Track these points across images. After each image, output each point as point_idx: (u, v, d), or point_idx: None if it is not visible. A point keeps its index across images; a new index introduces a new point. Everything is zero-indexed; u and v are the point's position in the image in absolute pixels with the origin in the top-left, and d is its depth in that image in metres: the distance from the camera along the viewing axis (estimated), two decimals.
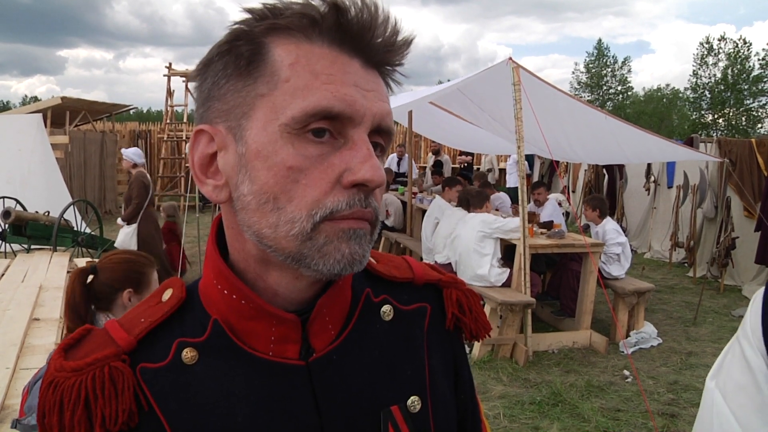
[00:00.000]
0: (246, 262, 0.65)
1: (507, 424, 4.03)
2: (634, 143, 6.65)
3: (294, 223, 0.58)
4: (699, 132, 34.47)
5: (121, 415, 0.59)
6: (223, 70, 0.61)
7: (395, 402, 0.69)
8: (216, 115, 0.62)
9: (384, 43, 0.62)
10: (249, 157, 0.59)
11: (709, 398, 0.89)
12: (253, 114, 0.59)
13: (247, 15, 0.61)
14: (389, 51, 0.63)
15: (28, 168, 9.64)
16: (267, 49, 0.59)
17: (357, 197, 0.59)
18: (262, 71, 0.59)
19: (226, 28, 0.61)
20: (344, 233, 0.59)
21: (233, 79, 0.60)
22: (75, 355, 0.63)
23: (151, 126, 20.05)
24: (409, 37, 0.63)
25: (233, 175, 0.61)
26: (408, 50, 0.64)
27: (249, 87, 0.60)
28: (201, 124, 0.63)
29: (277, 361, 0.64)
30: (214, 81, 0.61)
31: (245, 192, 0.60)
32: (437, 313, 0.78)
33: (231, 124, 0.61)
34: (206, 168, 0.64)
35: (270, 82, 0.59)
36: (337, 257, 0.59)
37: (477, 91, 6.65)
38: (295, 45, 0.59)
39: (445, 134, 10.85)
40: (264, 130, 0.59)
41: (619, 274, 5.94)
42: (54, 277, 5.29)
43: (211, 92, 0.62)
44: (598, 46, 52.23)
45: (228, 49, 0.61)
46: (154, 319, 0.65)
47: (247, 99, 0.60)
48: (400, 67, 0.66)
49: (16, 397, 2.73)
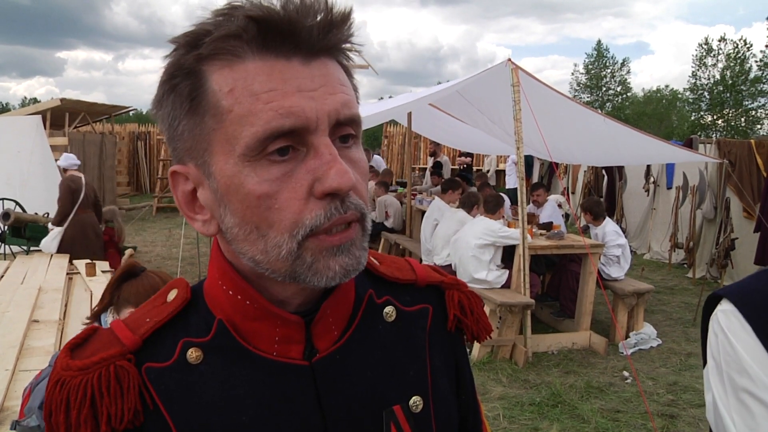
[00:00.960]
0: (248, 274, 0.65)
1: (507, 425, 4.04)
2: (632, 145, 6.65)
3: (280, 246, 0.58)
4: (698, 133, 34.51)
5: (126, 413, 0.60)
6: (172, 111, 0.60)
7: (397, 402, 0.69)
8: (182, 154, 0.62)
9: (321, 29, 0.58)
10: (222, 191, 0.60)
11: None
12: (212, 149, 0.59)
13: (176, 45, 0.59)
14: (328, 33, 0.59)
15: (28, 170, 9.64)
16: (203, 80, 0.58)
17: (333, 206, 0.58)
18: (205, 106, 0.58)
19: (162, 59, 0.61)
20: (328, 251, 0.59)
21: (184, 118, 0.60)
22: (81, 354, 0.63)
23: (151, 127, 20.06)
24: (345, 9, 0.59)
25: (215, 208, 0.62)
26: (350, 23, 0.60)
27: (200, 124, 0.59)
28: (173, 165, 0.64)
29: (281, 361, 0.65)
30: (170, 122, 0.61)
31: (230, 225, 0.61)
32: (439, 314, 0.78)
33: (198, 162, 0.61)
34: (192, 205, 0.64)
35: (216, 116, 0.58)
36: (329, 274, 0.60)
37: (476, 93, 6.65)
38: (228, 68, 0.57)
39: (445, 135, 10.85)
40: (226, 164, 0.58)
41: (618, 275, 5.94)
42: (53, 279, 5.28)
43: (170, 133, 0.62)
44: (598, 47, 52.29)
45: (170, 88, 0.60)
46: (159, 319, 0.66)
47: (202, 135, 0.59)
48: (349, 40, 0.62)
49: (15, 398, 2.73)
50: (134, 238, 10.93)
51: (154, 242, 10.69)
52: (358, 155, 0.62)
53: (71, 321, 4.09)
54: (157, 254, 9.59)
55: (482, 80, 5.92)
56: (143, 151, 19.18)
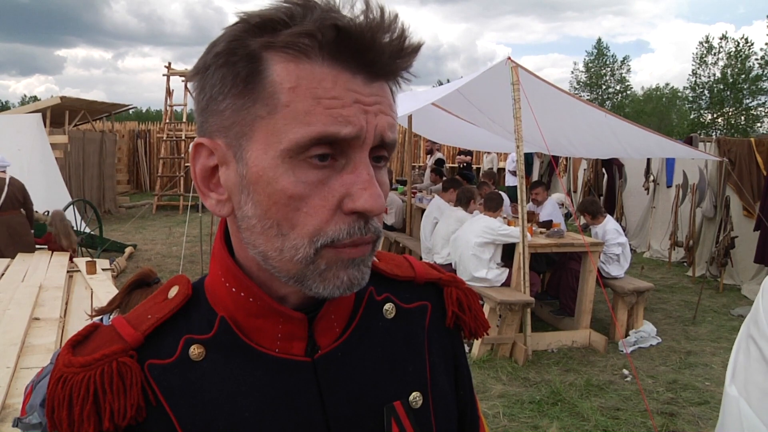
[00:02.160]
0: (252, 268, 0.65)
1: (506, 423, 4.04)
2: (633, 139, 6.65)
3: (297, 249, 0.59)
4: (698, 131, 34.51)
5: (129, 409, 0.60)
6: (220, 85, 0.59)
7: (398, 398, 0.70)
8: (215, 129, 0.61)
9: (390, 52, 0.58)
10: (250, 179, 0.59)
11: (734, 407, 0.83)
12: (252, 135, 0.58)
13: (242, 22, 0.58)
14: (395, 59, 0.59)
15: (28, 168, 9.63)
16: (265, 67, 0.57)
17: (357, 225, 0.59)
18: (261, 93, 0.57)
19: (222, 30, 0.60)
20: (343, 262, 0.60)
21: (231, 96, 0.58)
22: (83, 350, 0.64)
23: (151, 125, 20.08)
24: (416, 43, 0.60)
25: (236, 192, 0.61)
26: (416, 55, 0.61)
27: (248, 108, 0.58)
28: (200, 137, 0.62)
29: (284, 358, 0.66)
30: (212, 95, 0.59)
31: (249, 214, 0.60)
32: (437, 311, 0.79)
33: (231, 142, 0.60)
34: (208, 181, 0.63)
35: (269, 105, 0.57)
36: (336, 283, 0.60)
37: (476, 93, 6.65)
38: (295, 65, 0.57)
39: (444, 133, 10.85)
40: (264, 154, 0.58)
41: (618, 274, 5.94)
42: (54, 277, 5.29)
43: (209, 105, 0.60)
44: (598, 45, 52.27)
45: (224, 62, 0.58)
46: (160, 316, 0.66)
47: (246, 119, 0.58)
48: (409, 69, 0.63)
49: (17, 396, 2.74)
50: (134, 236, 10.93)
51: (154, 240, 10.69)
52: (385, 178, 0.63)
53: (72, 319, 4.10)
54: (157, 252, 9.59)
55: (482, 80, 5.93)
56: (143, 150, 19.20)
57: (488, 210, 5.71)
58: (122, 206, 15.17)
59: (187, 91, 15.06)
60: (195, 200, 9.40)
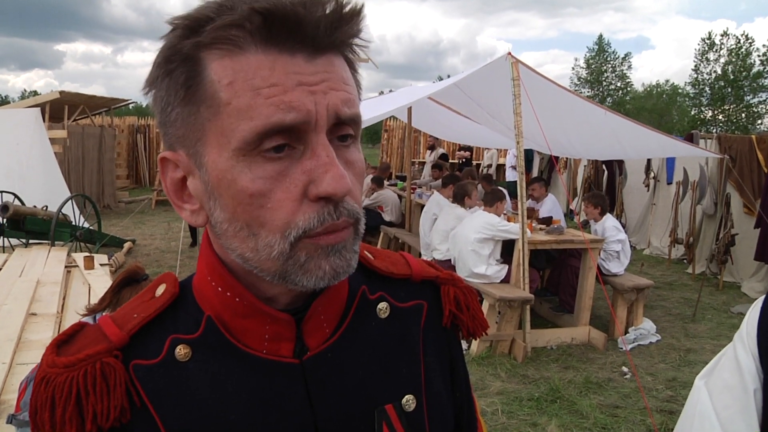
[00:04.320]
0: (238, 270, 0.64)
1: (505, 420, 4.03)
2: (633, 139, 6.64)
3: (272, 246, 0.57)
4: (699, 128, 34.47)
5: (112, 411, 0.59)
6: (166, 96, 0.58)
7: (390, 401, 0.68)
8: (174, 140, 0.60)
9: (328, 25, 0.55)
10: (213, 184, 0.58)
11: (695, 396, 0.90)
12: (206, 140, 0.57)
13: (173, 27, 0.57)
14: (336, 30, 0.56)
15: (27, 162, 9.63)
16: (201, 68, 0.56)
17: (326, 210, 0.57)
18: (201, 96, 0.56)
19: (159, 40, 0.58)
20: (323, 249, 0.58)
21: (178, 105, 0.58)
22: (68, 350, 0.62)
23: (150, 120, 20.02)
24: (355, 6, 0.56)
25: (205, 200, 0.60)
26: (360, 18, 0.58)
27: (194, 114, 0.57)
28: (164, 151, 0.62)
29: (271, 359, 0.64)
30: (162, 107, 0.59)
31: (220, 219, 0.59)
32: (434, 310, 0.77)
33: (189, 151, 0.59)
34: (180, 193, 0.63)
35: (212, 107, 0.56)
36: (319, 274, 0.58)
37: (476, 88, 6.63)
38: (230, 59, 0.55)
39: (444, 129, 10.84)
40: (219, 157, 0.56)
41: (618, 271, 5.93)
42: (52, 272, 5.28)
43: (162, 118, 0.60)
44: (599, 41, 52.19)
45: (165, 72, 0.57)
46: (146, 315, 0.64)
47: (196, 125, 0.57)
48: (356, 36, 0.59)
49: (12, 392, 2.73)
50: (133, 231, 10.92)
51: (153, 235, 10.67)
52: (356, 156, 0.61)
53: (69, 314, 4.09)
54: (156, 247, 9.57)
55: (482, 75, 5.90)
56: (142, 144, 19.16)
57: (487, 204, 5.71)
58: (121, 201, 15.16)
59: None
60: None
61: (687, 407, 0.92)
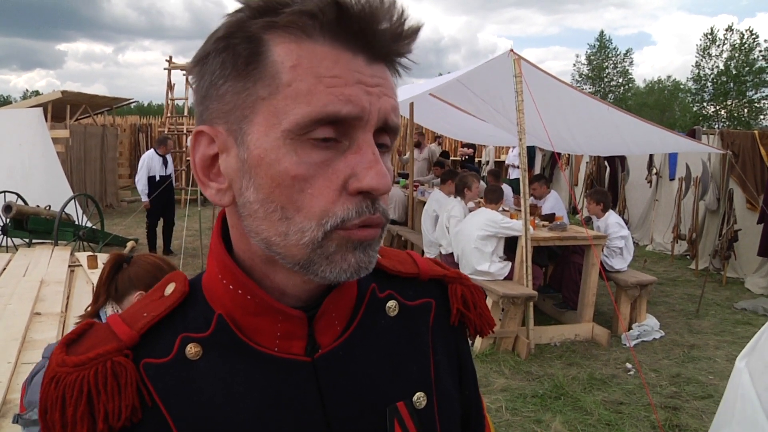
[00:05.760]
0: (252, 261, 0.64)
1: (509, 417, 4.03)
2: (636, 134, 6.62)
3: (304, 232, 0.57)
4: (701, 124, 34.41)
5: (124, 410, 0.58)
6: (220, 69, 0.58)
7: (401, 398, 0.68)
8: (215, 115, 0.60)
9: (390, 35, 0.58)
10: (252, 163, 0.58)
11: (736, 378, 0.87)
12: (254, 118, 0.57)
13: (243, 7, 0.58)
14: (396, 42, 0.59)
15: (29, 162, 9.65)
16: (266, 47, 0.56)
17: (364, 204, 0.58)
18: (262, 73, 0.56)
19: (221, 18, 0.59)
20: (352, 244, 0.58)
21: (231, 79, 0.58)
22: (77, 350, 0.62)
23: (152, 119, 20.05)
24: (416, 25, 0.60)
25: (236, 178, 0.60)
26: (416, 38, 0.61)
27: (249, 89, 0.57)
28: (201, 125, 0.61)
29: (283, 357, 0.64)
30: (212, 80, 0.59)
31: (251, 199, 0.59)
32: (442, 308, 0.77)
33: (231, 127, 0.59)
34: (208, 170, 0.62)
35: (271, 86, 0.56)
36: (344, 266, 0.58)
37: (479, 83, 6.62)
38: (296, 44, 0.56)
39: (447, 125, 10.82)
40: (266, 136, 0.57)
41: (621, 267, 5.92)
42: (55, 272, 5.29)
43: (209, 91, 0.60)
44: (601, 37, 52.08)
45: (225, 46, 0.58)
46: (156, 314, 0.64)
47: (247, 101, 0.57)
48: (408, 54, 0.62)
49: (18, 391, 2.73)
50: (136, 230, 10.91)
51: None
52: (388, 166, 0.62)
53: (73, 313, 4.10)
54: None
55: (485, 71, 5.90)
56: (145, 144, 19.15)
57: (489, 202, 5.70)
58: (124, 200, 15.16)
59: (188, 85, 15.00)
60: (195, 194, 9.38)
61: (728, 391, 0.89)
